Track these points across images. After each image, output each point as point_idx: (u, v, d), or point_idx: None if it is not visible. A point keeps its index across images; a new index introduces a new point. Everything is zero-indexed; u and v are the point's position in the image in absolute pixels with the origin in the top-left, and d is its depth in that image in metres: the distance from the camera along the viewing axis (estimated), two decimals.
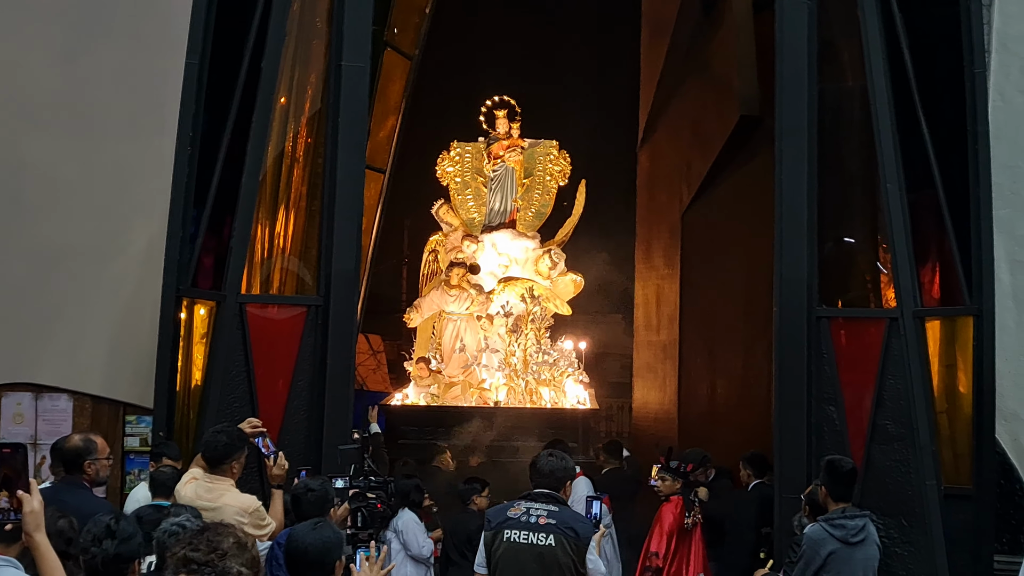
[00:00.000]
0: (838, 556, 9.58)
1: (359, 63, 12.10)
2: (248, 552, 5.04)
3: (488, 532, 8.70)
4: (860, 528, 9.67)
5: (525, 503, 8.73)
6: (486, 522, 8.83)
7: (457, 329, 21.79)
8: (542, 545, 8.49)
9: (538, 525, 8.53)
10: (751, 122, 18.20)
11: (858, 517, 9.74)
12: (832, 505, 9.84)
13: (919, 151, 11.59)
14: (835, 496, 9.85)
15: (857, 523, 9.68)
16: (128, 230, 13.15)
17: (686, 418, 21.52)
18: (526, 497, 8.80)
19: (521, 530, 8.55)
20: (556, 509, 8.67)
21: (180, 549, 4.97)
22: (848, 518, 9.68)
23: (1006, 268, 11.85)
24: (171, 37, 11.96)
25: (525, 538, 8.51)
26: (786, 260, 11.76)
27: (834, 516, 9.72)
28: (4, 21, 13.40)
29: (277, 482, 9.50)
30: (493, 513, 8.88)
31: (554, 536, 8.49)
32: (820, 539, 9.62)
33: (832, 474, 9.92)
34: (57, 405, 13.11)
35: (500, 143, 23.27)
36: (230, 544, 4.98)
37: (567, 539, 8.50)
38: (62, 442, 9.09)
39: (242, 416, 10.77)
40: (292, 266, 12.57)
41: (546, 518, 8.58)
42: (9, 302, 13.01)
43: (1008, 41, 12.29)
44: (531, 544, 8.50)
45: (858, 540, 9.64)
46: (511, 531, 8.57)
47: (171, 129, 11.47)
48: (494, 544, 8.63)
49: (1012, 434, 11.76)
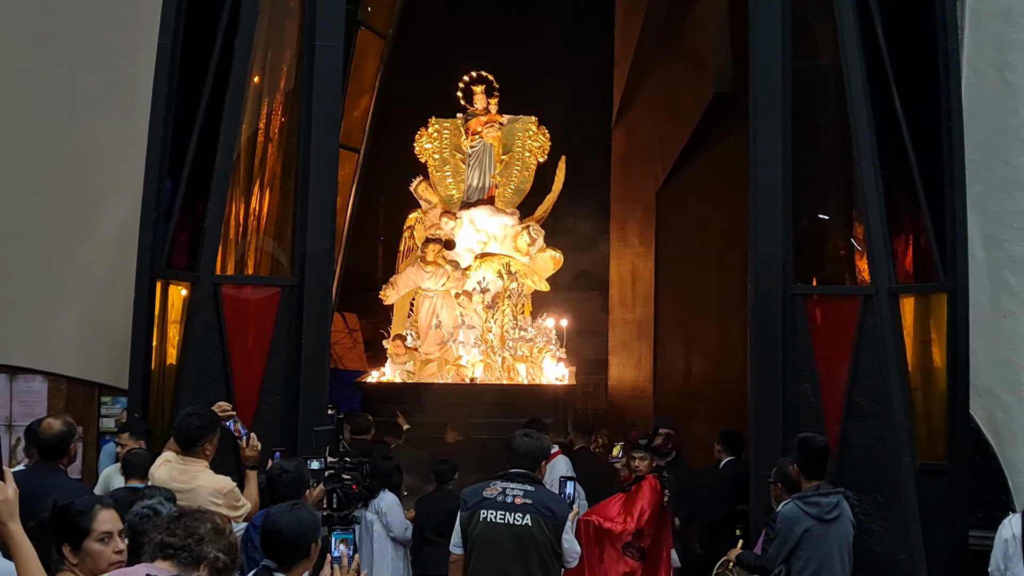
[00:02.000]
0: (812, 533, 9.62)
1: (332, 42, 12.06)
2: (225, 537, 5.04)
3: (464, 512, 8.74)
4: (834, 505, 9.70)
5: (501, 483, 8.76)
6: (462, 502, 8.86)
7: (433, 306, 21.78)
8: (519, 525, 8.53)
9: (515, 505, 8.56)
10: (725, 99, 18.24)
11: (832, 494, 9.77)
12: (805, 483, 9.87)
13: (893, 128, 11.60)
14: (808, 474, 9.89)
15: (831, 500, 9.72)
16: (101, 210, 13.09)
17: (662, 395, 21.59)
18: (502, 477, 8.84)
19: (498, 510, 8.59)
20: (532, 489, 8.70)
21: (157, 534, 4.97)
22: (822, 495, 9.71)
23: (980, 245, 11.85)
24: (143, 16, 11.92)
25: (502, 518, 8.55)
26: (761, 238, 11.77)
27: (808, 494, 9.75)
28: None
29: (251, 463, 9.48)
30: (469, 493, 8.89)
31: (531, 516, 8.54)
32: (794, 517, 9.64)
33: (805, 451, 9.95)
34: (32, 387, 13.07)
35: (478, 119, 23.24)
36: (207, 529, 4.98)
37: (544, 519, 8.54)
38: (39, 427, 9.02)
39: (218, 397, 10.77)
40: (267, 246, 12.55)
41: (522, 498, 8.62)
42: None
43: (981, 17, 12.29)
44: (508, 524, 8.55)
45: (832, 517, 9.68)
46: (488, 511, 8.61)
47: (144, 109, 11.43)
48: (470, 524, 8.67)
49: (987, 410, 11.78)
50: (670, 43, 21.22)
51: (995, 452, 11.75)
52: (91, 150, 13.13)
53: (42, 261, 13.04)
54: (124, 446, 10.45)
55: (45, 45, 13.24)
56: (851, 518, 9.88)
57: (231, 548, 5.15)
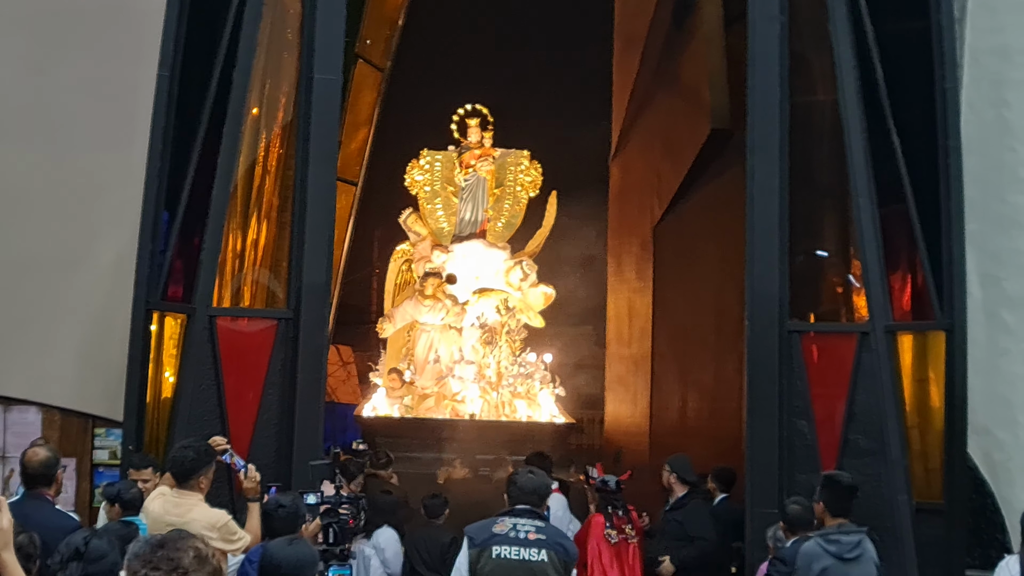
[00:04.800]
0: (831, 572, 9.46)
1: (331, 75, 12.09)
2: (209, 564, 4.97)
3: (472, 550, 8.59)
4: (855, 544, 9.51)
5: (510, 519, 8.67)
6: (468, 540, 8.70)
7: (431, 340, 21.70)
8: (534, 561, 8.46)
9: (528, 540, 8.49)
10: (722, 135, 18.22)
11: (854, 533, 9.62)
12: (830, 520, 9.79)
13: (890, 165, 11.63)
14: (833, 511, 9.81)
15: (852, 539, 9.54)
16: (98, 242, 13.05)
17: (657, 431, 21.51)
18: (509, 514, 8.75)
19: (511, 546, 8.50)
20: (543, 525, 8.67)
21: (140, 567, 4.90)
22: (843, 534, 9.55)
23: (977, 283, 11.84)
24: (142, 48, 11.93)
25: (516, 554, 8.46)
26: (757, 274, 11.78)
27: (830, 532, 9.62)
28: None
29: (251, 495, 9.44)
30: (475, 531, 8.76)
31: (546, 551, 8.48)
32: (814, 554, 9.49)
33: (831, 489, 9.90)
34: (26, 418, 12.99)
35: (472, 152, 23.20)
36: (190, 559, 4.89)
37: (557, 554, 8.50)
38: (24, 457, 8.97)
39: (212, 429, 10.76)
40: (263, 278, 12.54)
41: (535, 533, 8.55)
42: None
43: (979, 55, 12.31)
44: (522, 560, 8.46)
45: (853, 556, 9.47)
46: (500, 547, 8.51)
47: (142, 140, 11.43)
48: (480, 562, 8.54)
49: (984, 449, 11.76)
50: (667, 78, 21.22)
51: (992, 491, 11.73)
52: (88, 181, 13.10)
53: (38, 291, 12.99)
54: (147, 481, 10.28)
55: (43, 77, 13.22)
56: (875, 559, 9.61)
57: (216, 574, 5.08)
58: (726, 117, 18.13)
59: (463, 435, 19.24)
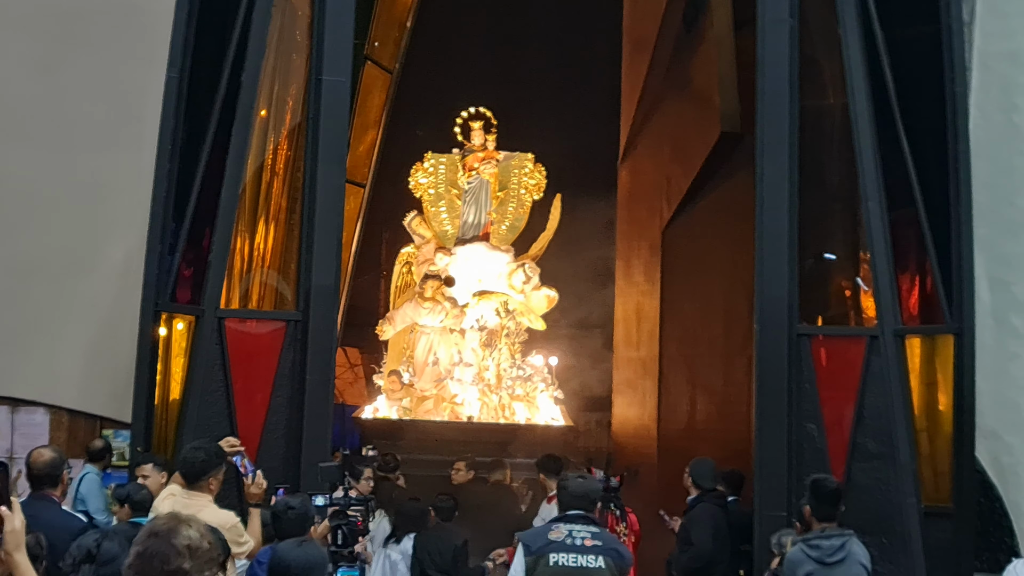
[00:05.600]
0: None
1: (339, 77, 12.08)
2: (202, 551, 4.84)
3: (528, 557, 8.57)
4: (837, 548, 9.47)
5: (565, 526, 8.64)
6: (523, 547, 8.68)
7: (430, 342, 21.70)
8: (592, 568, 8.43)
9: (585, 547, 8.46)
10: (732, 139, 18.20)
11: (835, 537, 9.56)
12: (816, 525, 9.76)
13: (900, 169, 11.63)
14: (819, 516, 9.76)
15: (834, 543, 9.50)
16: (106, 243, 13.07)
17: (665, 434, 21.46)
18: (564, 519, 8.72)
19: (568, 553, 8.47)
20: (598, 531, 8.66)
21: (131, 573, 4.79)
22: (825, 538, 9.52)
23: (986, 286, 11.84)
24: (151, 50, 11.91)
25: (574, 561, 8.44)
26: (767, 277, 11.77)
27: (811, 536, 9.62)
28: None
29: (255, 500, 9.44)
30: (530, 538, 8.78)
31: (603, 558, 8.46)
32: (797, 560, 9.46)
33: (816, 493, 9.86)
34: (34, 419, 13.02)
35: (475, 155, 23.21)
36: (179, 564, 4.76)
37: (614, 560, 8.48)
38: (29, 458, 8.97)
39: (221, 431, 10.74)
40: (271, 280, 12.55)
41: (591, 540, 8.53)
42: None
43: (989, 60, 12.30)
44: (581, 567, 8.44)
45: (835, 560, 9.43)
46: (557, 554, 8.48)
47: (150, 142, 11.43)
48: (536, 569, 8.52)
49: (992, 452, 11.74)
50: (677, 82, 21.18)
51: (1000, 495, 11.72)
52: (97, 183, 13.12)
53: (46, 293, 13.01)
54: (147, 477, 10.30)
55: (52, 77, 13.24)
56: (863, 561, 9.54)
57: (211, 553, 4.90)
58: (736, 120, 18.11)
59: (460, 437, 19.25)
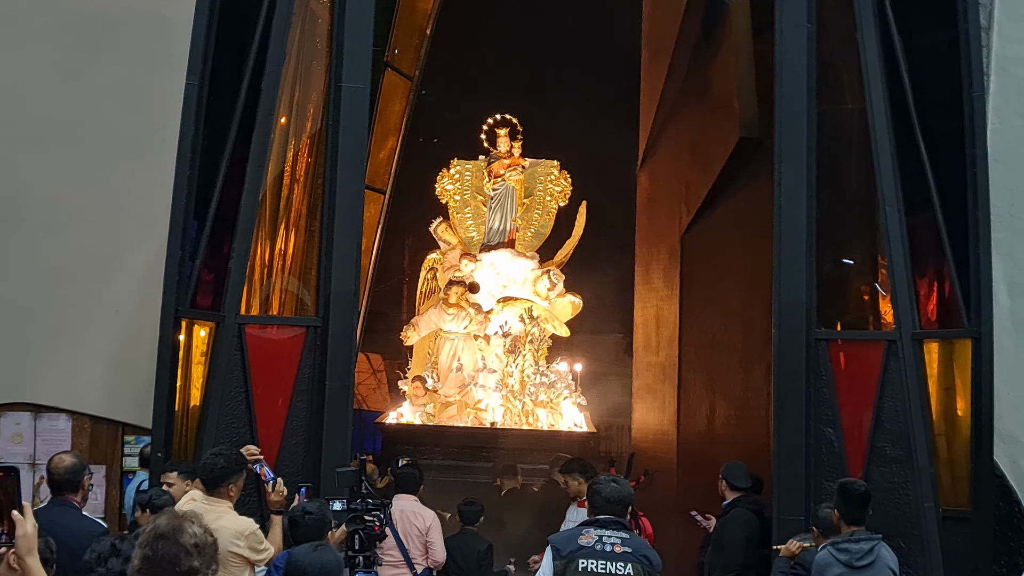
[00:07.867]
0: None
1: (359, 84, 12.11)
2: (206, 547, 4.89)
3: (558, 561, 8.56)
4: (866, 552, 9.50)
5: (595, 530, 8.63)
6: (554, 551, 8.66)
7: (454, 348, 21.77)
8: (620, 574, 8.43)
9: (614, 554, 8.45)
10: (751, 144, 18.17)
11: (864, 540, 9.58)
12: (844, 528, 9.77)
13: (918, 173, 11.62)
14: (847, 520, 9.77)
15: (862, 547, 9.53)
16: (127, 250, 13.14)
17: (685, 439, 21.45)
18: (594, 524, 8.72)
19: (598, 559, 8.46)
20: (628, 536, 8.63)
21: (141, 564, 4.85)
22: (853, 542, 9.55)
23: (1005, 291, 11.85)
24: (172, 57, 11.95)
25: (603, 568, 8.43)
26: (785, 282, 11.77)
27: (840, 540, 9.64)
28: (4, 40, 13.42)
29: (276, 507, 9.49)
30: (561, 542, 8.76)
31: (632, 565, 8.45)
32: (825, 563, 9.50)
33: (845, 497, 9.86)
34: (56, 425, 13.08)
35: (501, 162, 23.30)
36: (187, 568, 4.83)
37: (643, 567, 8.46)
38: (50, 463, 9.04)
39: (241, 437, 10.80)
40: (291, 286, 12.58)
41: (621, 546, 8.51)
42: (8, 321, 13.02)
43: (1007, 64, 12.31)
44: (609, 574, 8.43)
45: (864, 564, 9.46)
46: (586, 560, 8.47)
47: (171, 149, 11.45)
48: (565, 574, 8.51)
49: (1011, 456, 11.75)
50: (696, 87, 21.16)
51: (1019, 499, 11.73)
52: (118, 189, 13.19)
53: (68, 299, 13.08)
54: (172, 485, 10.33)
55: (73, 85, 13.32)
56: (891, 566, 9.57)
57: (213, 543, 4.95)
58: (755, 126, 18.08)
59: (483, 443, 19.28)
